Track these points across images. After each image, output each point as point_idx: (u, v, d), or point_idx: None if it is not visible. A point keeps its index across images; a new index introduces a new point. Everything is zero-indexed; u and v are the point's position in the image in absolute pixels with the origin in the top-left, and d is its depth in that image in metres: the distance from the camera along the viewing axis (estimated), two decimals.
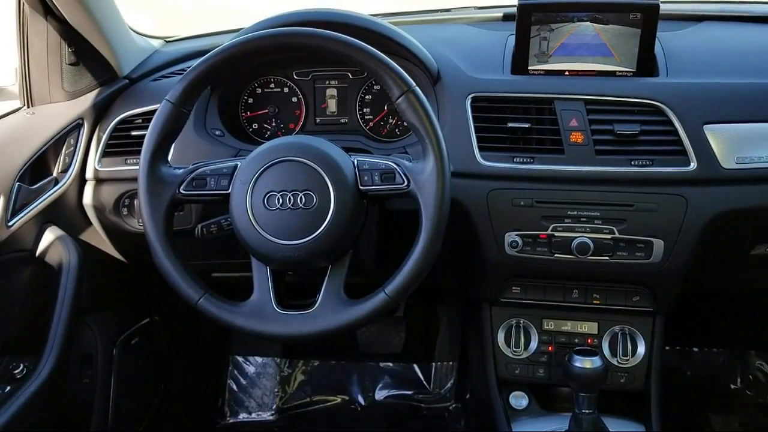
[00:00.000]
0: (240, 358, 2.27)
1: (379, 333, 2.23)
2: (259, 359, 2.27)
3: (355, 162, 1.08)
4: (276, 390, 2.22)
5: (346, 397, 2.21)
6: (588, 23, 1.29)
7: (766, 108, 1.24)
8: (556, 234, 1.26)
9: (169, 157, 1.14)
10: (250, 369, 2.27)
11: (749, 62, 1.34)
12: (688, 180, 1.22)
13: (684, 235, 1.23)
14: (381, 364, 2.25)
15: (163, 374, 1.88)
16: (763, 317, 2.22)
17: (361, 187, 1.07)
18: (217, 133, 1.39)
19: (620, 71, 1.30)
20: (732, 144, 1.22)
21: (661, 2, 1.25)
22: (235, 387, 2.23)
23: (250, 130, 1.49)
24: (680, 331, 2.13)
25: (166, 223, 1.09)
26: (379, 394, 2.20)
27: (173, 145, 1.15)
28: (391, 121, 1.45)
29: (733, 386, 2.17)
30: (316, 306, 1.06)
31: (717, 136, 1.22)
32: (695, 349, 2.23)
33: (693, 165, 1.21)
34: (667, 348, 2.19)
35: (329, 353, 2.27)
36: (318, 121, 1.48)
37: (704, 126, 1.22)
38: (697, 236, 1.23)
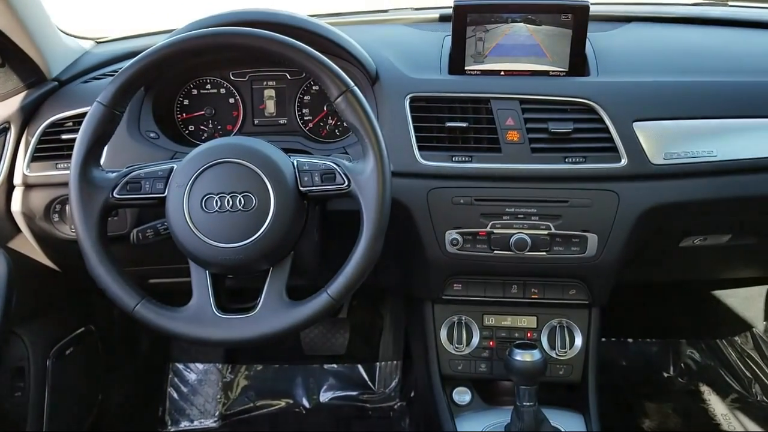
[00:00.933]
0: (180, 366, 2.23)
1: (322, 335, 2.22)
2: (200, 366, 2.23)
3: (295, 163, 1.07)
4: (218, 396, 2.19)
5: (290, 401, 2.19)
6: (522, 24, 1.32)
7: (691, 105, 1.29)
8: (495, 231, 1.29)
9: (102, 161, 1.11)
10: (191, 376, 2.22)
11: (675, 61, 1.40)
12: (619, 176, 1.26)
13: (616, 229, 1.28)
14: (325, 366, 2.25)
15: (100, 385, 1.82)
16: (692, 307, 2.32)
17: (301, 188, 1.06)
18: (152, 135, 1.36)
19: (553, 71, 1.34)
20: (660, 140, 1.27)
21: (591, 3, 1.29)
22: (175, 395, 2.19)
23: (186, 132, 1.46)
24: (615, 322, 2.21)
25: (100, 229, 1.06)
26: (324, 396, 2.20)
27: (106, 148, 1.11)
28: (330, 121, 1.45)
29: (666, 374, 2.26)
30: (257, 309, 1.05)
31: (646, 133, 1.26)
32: (630, 340, 2.32)
33: (624, 161, 1.25)
34: (603, 339, 2.26)
35: (272, 357, 2.25)
36: (256, 122, 1.46)
37: (634, 123, 1.26)
38: (628, 230, 1.28)
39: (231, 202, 1.03)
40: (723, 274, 1.95)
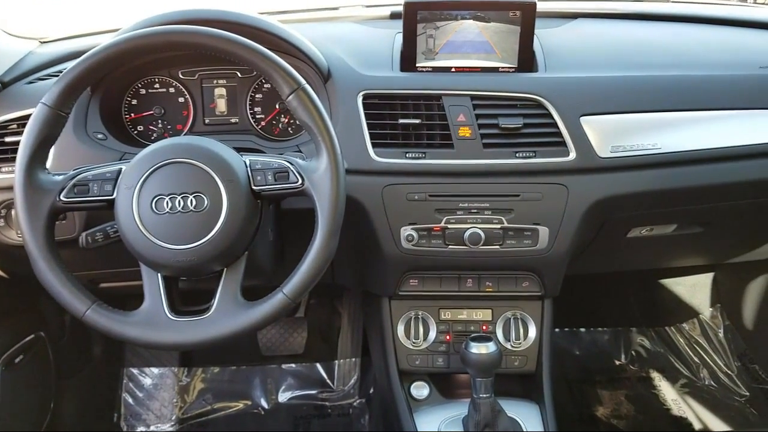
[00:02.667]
0: (135, 371, 2.19)
1: (280, 335, 2.21)
2: (155, 370, 2.20)
3: (247, 162, 1.07)
4: (175, 400, 2.16)
5: (249, 402, 2.17)
6: (471, 21, 1.33)
7: (636, 99, 1.33)
8: (450, 226, 1.30)
9: (48, 164, 1.08)
10: (147, 381, 2.18)
11: (620, 57, 1.43)
12: (568, 169, 1.29)
13: (566, 222, 1.30)
14: (283, 366, 2.24)
15: (52, 393, 1.77)
16: (641, 296, 2.38)
17: (254, 187, 1.05)
18: (99, 136, 1.33)
19: (503, 67, 1.36)
20: (606, 134, 1.30)
21: (538, 0, 1.31)
22: (131, 400, 2.15)
23: (135, 132, 1.44)
24: (568, 313, 2.25)
25: (47, 233, 1.03)
26: (283, 396, 2.19)
27: (52, 150, 1.08)
28: (283, 119, 1.44)
29: (617, 362, 2.32)
30: (212, 311, 1.04)
31: (593, 127, 1.29)
32: (582, 330, 2.37)
33: (572, 155, 1.28)
34: (556, 330, 2.31)
35: (229, 359, 2.23)
36: (207, 121, 1.44)
37: (581, 118, 1.29)
38: (578, 222, 1.31)
39: (182, 203, 1.01)
40: (670, 263, 2.02)
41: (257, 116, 1.44)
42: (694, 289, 2.33)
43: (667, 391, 2.20)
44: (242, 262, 1.08)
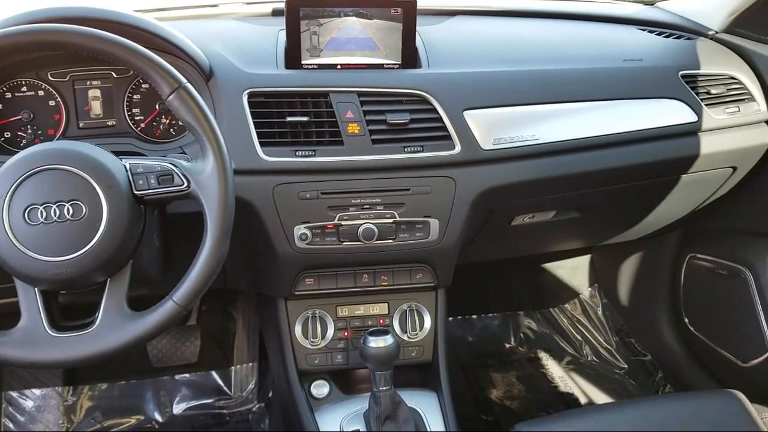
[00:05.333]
0: (14, 394, 2.03)
1: (171, 344, 2.13)
2: (37, 391, 2.05)
3: (128, 165, 1.02)
4: (60, 422, 2.02)
5: (141, 417, 2.08)
6: (354, 18, 1.34)
7: (515, 93, 1.39)
8: (343, 223, 1.30)
9: None
10: (28, 403, 2.03)
11: (498, 53, 1.49)
12: (455, 162, 1.32)
13: (455, 213, 1.34)
14: (176, 377, 2.15)
15: None
16: (527, 281, 2.50)
17: (136, 192, 1.00)
18: None
19: (387, 64, 1.38)
20: (489, 127, 1.35)
21: None
22: (11, 426, 1.99)
23: (2, 139, 1.33)
24: (460, 301, 2.33)
25: None
26: (178, 408, 2.11)
27: None
28: (164, 120, 1.38)
29: (507, 345, 2.42)
30: (96, 325, 0.98)
31: (476, 121, 1.34)
32: (474, 317, 2.45)
33: (457, 148, 1.32)
34: (450, 319, 2.38)
35: (118, 373, 2.12)
36: (81, 125, 1.36)
37: (464, 112, 1.33)
38: (466, 213, 1.35)
39: (58, 212, 0.95)
40: (551, 247, 2.13)
41: (136, 118, 1.37)
42: (574, 271, 2.48)
43: (554, 369, 2.32)
44: (127, 271, 1.03)
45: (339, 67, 1.36)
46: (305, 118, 1.27)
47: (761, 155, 1.61)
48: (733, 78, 1.56)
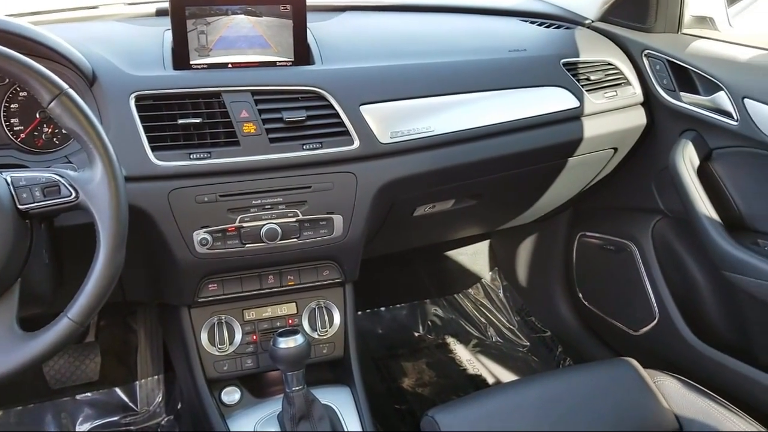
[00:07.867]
0: None
1: (69, 363, 2.02)
2: None
3: (9, 179, 0.95)
4: None
5: None
6: (243, 16, 1.32)
7: (409, 86, 1.41)
8: (245, 225, 1.28)
9: None
10: None
11: (390, 47, 1.51)
12: (354, 157, 1.33)
13: (358, 208, 1.35)
14: (78, 397, 2.04)
15: None
16: (432, 269, 2.56)
17: (20, 207, 0.94)
18: None
19: (280, 61, 1.36)
20: (385, 121, 1.36)
21: None
22: None
23: None
24: (368, 295, 2.35)
25: None
26: (81, 429, 2.00)
27: None
28: (46, 129, 1.30)
29: (416, 334, 2.46)
30: None
31: (373, 115, 1.35)
32: (383, 309, 2.48)
33: (356, 143, 1.33)
34: (359, 313, 2.39)
35: (12, 398, 1.98)
36: None
37: (360, 107, 1.34)
38: (369, 207, 1.36)
39: None
40: (453, 235, 2.19)
41: (15, 128, 1.28)
42: (475, 257, 2.56)
43: (462, 353, 2.38)
44: (15, 290, 0.96)
45: (230, 66, 1.33)
46: (198, 120, 1.24)
47: (638, 136, 1.72)
48: (609, 64, 1.66)
